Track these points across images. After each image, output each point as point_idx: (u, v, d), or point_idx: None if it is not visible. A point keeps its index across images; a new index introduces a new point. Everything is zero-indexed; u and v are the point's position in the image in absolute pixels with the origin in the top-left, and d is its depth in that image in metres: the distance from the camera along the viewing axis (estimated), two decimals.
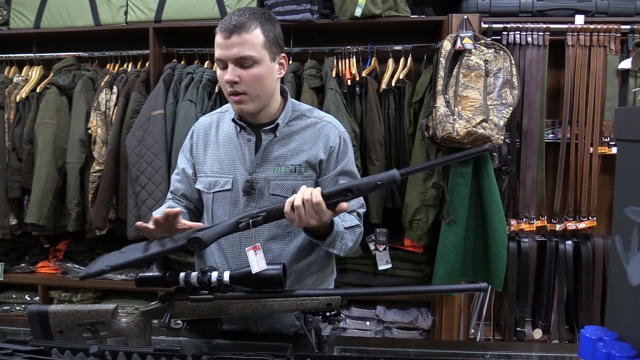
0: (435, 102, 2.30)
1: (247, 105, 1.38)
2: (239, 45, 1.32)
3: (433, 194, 2.44)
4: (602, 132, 2.55)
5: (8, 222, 2.76)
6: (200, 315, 1.22)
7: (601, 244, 2.51)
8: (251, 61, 1.34)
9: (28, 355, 1.03)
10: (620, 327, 1.03)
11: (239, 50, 1.33)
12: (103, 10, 2.74)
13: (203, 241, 1.16)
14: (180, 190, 1.54)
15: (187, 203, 1.55)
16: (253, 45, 1.34)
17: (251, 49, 1.33)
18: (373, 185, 1.19)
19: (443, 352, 1.44)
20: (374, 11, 2.48)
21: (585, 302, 2.52)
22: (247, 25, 1.33)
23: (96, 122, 2.64)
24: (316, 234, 1.34)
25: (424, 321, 2.67)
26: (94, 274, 1.22)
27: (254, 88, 1.36)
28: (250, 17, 1.35)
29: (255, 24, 1.35)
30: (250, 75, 1.35)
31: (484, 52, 2.30)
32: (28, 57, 2.92)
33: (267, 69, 1.38)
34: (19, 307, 2.94)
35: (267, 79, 1.38)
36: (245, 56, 1.33)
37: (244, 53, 1.33)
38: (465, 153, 1.25)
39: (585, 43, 2.49)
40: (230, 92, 1.37)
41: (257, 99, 1.39)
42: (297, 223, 1.22)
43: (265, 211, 1.23)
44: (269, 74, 1.39)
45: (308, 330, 1.20)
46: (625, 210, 1.02)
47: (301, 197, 1.20)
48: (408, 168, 1.23)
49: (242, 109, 1.39)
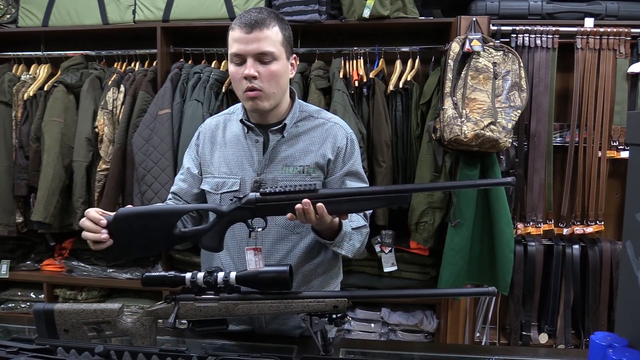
0: (443, 104, 2.29)
1: (263, 102, 1.38)
2: (261, 40, 1.33)
3: (440, 197, 2.43)
4: (611, 136, 2.53)
5: (14, 220, 2.77)
6: (206, 315, 1.21)
7: (609, 248, 2.49)
8: (271, 57, 1.35)
9: (33, 354, 1.02)
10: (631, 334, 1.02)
11: (260, 45, 1.33)
12: (111, 9, 2.75)
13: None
14: (183, 189, 1.53)
15: (185, 203, 1.53)
16: (274, 42, 1.34)
17: (272, 45, 1.34)
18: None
19: (448, 355, 1.43)
20: (382, 12, 2.48)
21: (592, 307, 2.50)
22: (267, 21, 1.34)
23: (103, 121, 2.65)
24: (324, 234, 1.34)
25: (429, 324, 2.66)
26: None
27: (271, 85, 1.36)
28: (269, 14, 1.36)
29: (274, 21, 1.36)
30: (269, 72, 1.35)
31: (492, 54, 2.29)
32: (36, 55, 2.92)
33: (283, 67, 1.38)
34: (24, 304, 2.95)
35: (283, 77, 1.39)
36: (266, 51, 1.34)
37: (266, 48, 1.33)
38: (485, 182, 1.23)
39: (594, 46, 2.47)
40: (247, 87, 1.36)
41: (272, 96, 1.39)
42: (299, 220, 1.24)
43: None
44: (285, 72, 1.40)
45: (314, 333, 1.20)
46: (637, 216, 1.01)
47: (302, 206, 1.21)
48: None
49: (257, 105, 1.38)
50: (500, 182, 1.23)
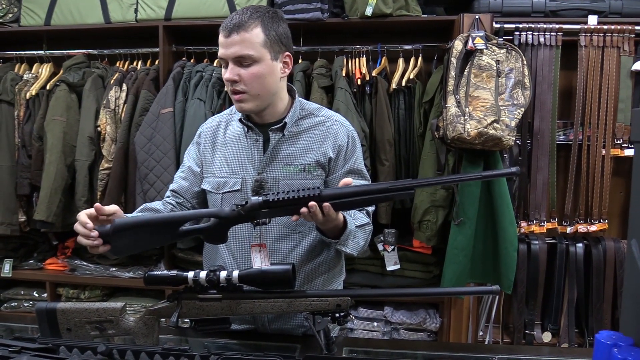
0: (446, 103, 2.28)
1: (247, 104, 1.38)
2: (238, 44, 1.33)
3: (443, 195, 2.42)
4: (615, 134, 2.52)
5: (17, 219, 2.77)
6: (208, 314, 1.21)
7: (612, 247, 2.48)
8: (250, 60, 1.34)
9: (36, 353, 1.02)
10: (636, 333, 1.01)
11: (238, 49, 1.33)
12: (113, 8, 2.75)
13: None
14: (184, 187, 1.52)
15: (187, 202, 1.52)
16: (252, 44, 1.33)
17: (250, 48, 1.33)
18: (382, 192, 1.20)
19: (451, 354, 1.42)
20: (385, 10, 2.47)
21: (596, 306, 2.49)
22: (247, 24, 1.33)
23: (105, 120, 2.65)
24: (329, 233, 1.34)
25: (432, 323, 2.66)
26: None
27: (254, 87, 1.36)
28: (251, 15, 1.35)
29: (255, 22, 1.34)
30: (250, 74, 1.35)
31: (495, 52, 2.28)
32: (38, 55, 2.92)
33: (267, 68, 1.37)
34: (27, 303, 2.95)
35: (267, 78, 1.37)
36: (244, 55, 1.33)
37: (243, 52, 1.33)
38: (488, 173, 1.22)
39: (598, 44, 2.46)
40: (230, 90, 1.37)
41: (258, 97, 1.38)
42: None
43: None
44: (270, 73, 1.38)
45: (317, 332, 1.19)
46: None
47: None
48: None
49: (242, 107, 1.39)
50: (505, 172, 1.23)
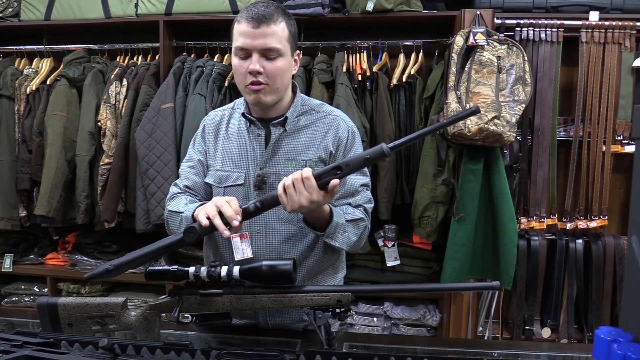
0: (446, 98, 2.28)
1: (266, 96, 1.37)
2: (268, 36, 1.32)
3: (443, 191, 2.42)
4: (615, 131, 2.51)
5: (17, 214, 2.77)
6: (209, 309, 1.21)
7: (612, 243, 2.48)
8: (277, 53, 1.34)
9: (37, 347, 1.02)
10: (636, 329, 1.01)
11: (267, 41, 1.32)
12: (113, 2, 2.74)
13: (197, 231, 1.21)
14: (198, 183, 1.51)
15: (201, 197, 1.51)
16: (280, 38, 1.34)
17: (278, 42, 1.33)
18: (362, 160, 1.19)
19: (451, 350, 1.42)
20: (386, 6, 2.46)
21: (595, 302, 2.50)
22: (275, 17, 1.33)
23: (106, 115, 2.65)
24: (316, 224, 1.34)
25: (431, 318, 2.66)
26: (98, 275, 1.23)
27: (276, 80, 1.36)
28: (276, 9, 1.35)
29: (281, 17, 1.35)
30: (274, 68, 1.35)
31: (496, 48, 2.27)
32: (38, 49, 2.92)
33: (288, 63, 1.38)
34: (27, 298, 2.96)
35: (287, 72, 1.39)
36: (273, 47, 1.33)
37: (272, 44, 1.33)
38: (452, 118, 1.19)
39: (599, 40, 2.45)
40: (250, 81, 1.35)
41: (276, 91, 1.38)
42: (289, 205, 1.22)
43: (259, 200, 1.24)
44: (289, 68, 1.40)
45: (318, 327, 1.20)
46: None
47: (291, 176, 1.20)
48: (397, 141, 1.18)
49: (260, 99, 1.37)
50: (466, 113, 1.17)
